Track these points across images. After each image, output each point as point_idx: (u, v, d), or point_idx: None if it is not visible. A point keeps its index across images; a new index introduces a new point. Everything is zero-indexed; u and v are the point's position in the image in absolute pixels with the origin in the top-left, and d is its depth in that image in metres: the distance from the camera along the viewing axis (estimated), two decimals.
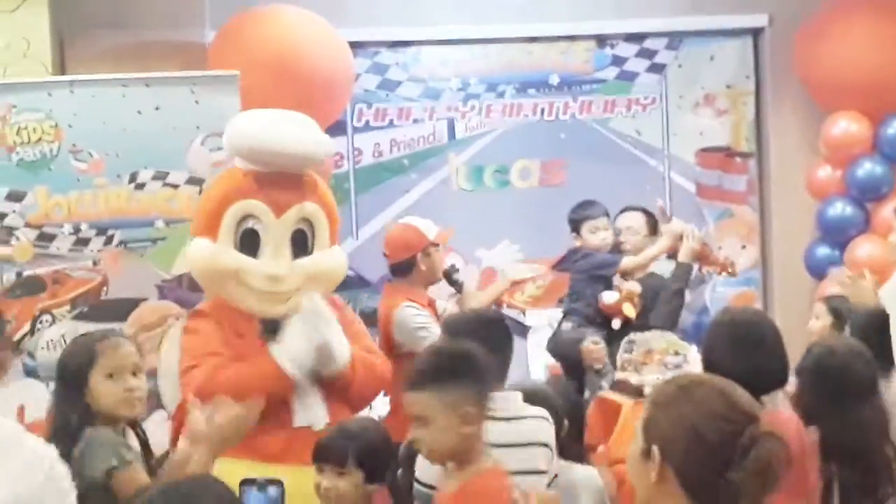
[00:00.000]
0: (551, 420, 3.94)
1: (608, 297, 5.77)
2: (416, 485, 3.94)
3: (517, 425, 3.89)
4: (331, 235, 4.68)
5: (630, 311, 5.69)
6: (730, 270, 6.15)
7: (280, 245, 4.57)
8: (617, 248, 6.13)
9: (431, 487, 3.90)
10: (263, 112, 4.75)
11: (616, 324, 5.71)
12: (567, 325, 5.93)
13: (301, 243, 4.61)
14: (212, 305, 4.70)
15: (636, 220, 6.13)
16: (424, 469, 3.89)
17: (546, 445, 3.87)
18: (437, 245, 5.79)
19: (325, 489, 3.75)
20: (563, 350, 5.88)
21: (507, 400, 3.95)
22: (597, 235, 6.07)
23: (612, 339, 5.53)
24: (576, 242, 6.14)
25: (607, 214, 6.19)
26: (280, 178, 4.61)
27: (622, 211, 6.24)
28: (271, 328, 4.57)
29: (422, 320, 5.44)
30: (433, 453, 3.36)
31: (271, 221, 4.55)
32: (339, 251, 4.76)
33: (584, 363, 5.58)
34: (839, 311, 5.52)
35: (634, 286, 5.75)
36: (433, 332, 5.25)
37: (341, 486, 3.70)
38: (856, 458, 3.95)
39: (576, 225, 6.18)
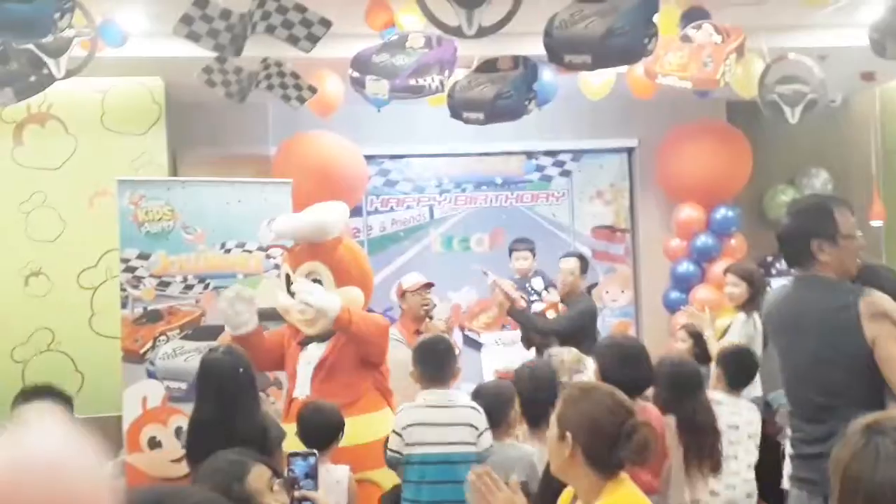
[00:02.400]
0: (479, 409, 3.90)
1: None
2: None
3: (452, 411, 3.90)
4: (342, 281, 4.61)
5: None
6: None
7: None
8: (552, 285, 6.07)
9: None
10: (301, 213, 4.83)
11: None
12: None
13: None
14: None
15: (572, 264, 6.04)
16: None
17: (472, 426, 3.85)
18: (413, 291, 5.72)
19: None
20: None
21: (446, 395, 3.96)
22: (517, 263, 6.18)
23: None
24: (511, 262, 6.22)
25: (531, 249, 6.22)
26: (294, 248, 4.76)
27: (563, 256, 6.16)
28: (305, 342, 4.64)
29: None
30: None
31: (292, 273, 4.62)
32: (350, 290, 4.63)
33: None
34: (695, 334, 5.45)
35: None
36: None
37: None
38: (698, 430, 3.99)
39: (509, 252, 6.26)
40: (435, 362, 4.01)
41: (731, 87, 5.60)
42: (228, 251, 5.42)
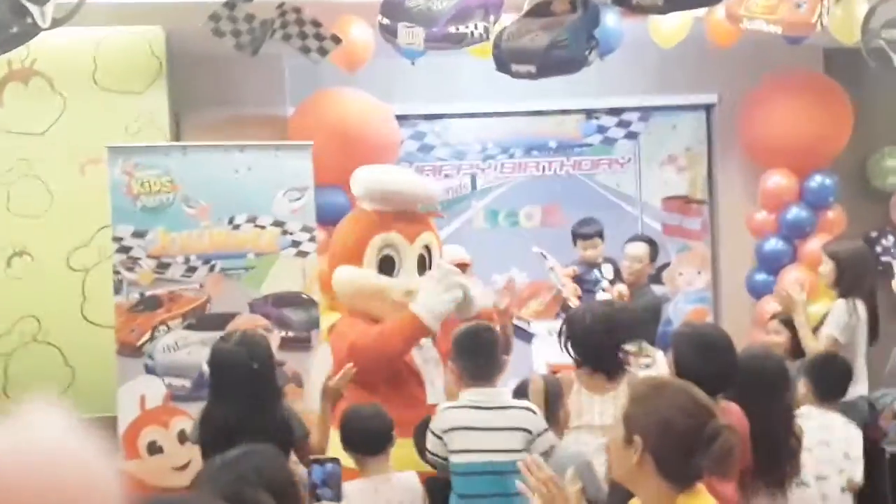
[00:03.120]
0: (536, 410, 3.86)
1: None
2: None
3: (501, 414, 3.87)
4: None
5: None
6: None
7: (411, 266, 4.68)
8: (618, 274, 6.07)
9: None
10: (384, 167, 4.89)
11: None
12: None
13: (422, 263, 4.73)
14: (351, 318, 4.76)
15: (641, 250, 6.02)
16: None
17: (527, 430, 3.82)
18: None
19: None
20: None
21: (494, 394, 3.94)
22: (586, 252, 6.17)
23: None
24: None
25: (600, 234, 6.21)
26: (404, 215, 4.69)
27: (630, 240, 6.17)
28: None
29: None
30: None
31: (406, 247, 4.62)
32: None
33: None
34: (792, 324, 5.37)
35: None
36: None
37: None
38: (771, 439, 3.87)
39: (574, 238, 6.21)
40: (479, 356, 3.98)
41: (828, 33, 5.53)
42: (237, 227, 5.44)
